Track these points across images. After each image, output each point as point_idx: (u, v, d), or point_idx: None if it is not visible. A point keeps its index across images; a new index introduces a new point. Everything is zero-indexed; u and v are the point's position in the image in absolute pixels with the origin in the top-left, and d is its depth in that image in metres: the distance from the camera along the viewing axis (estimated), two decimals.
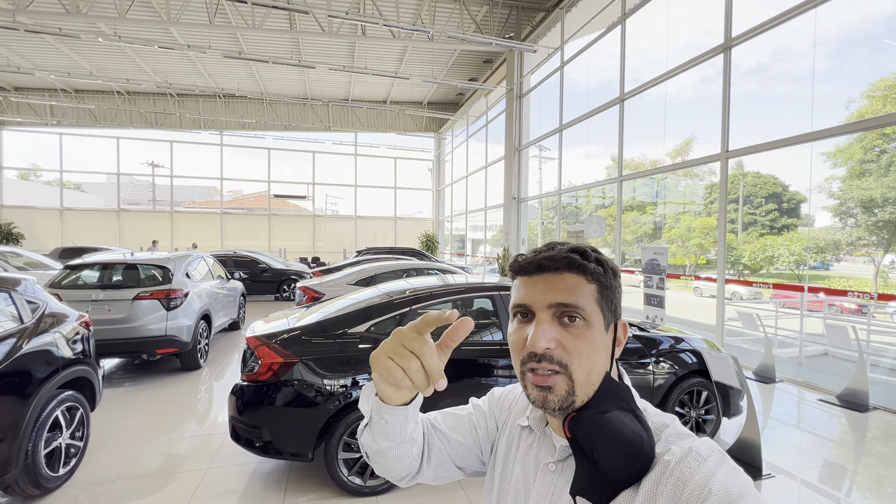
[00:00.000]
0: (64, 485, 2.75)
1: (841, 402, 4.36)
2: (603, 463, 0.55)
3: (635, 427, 0.56)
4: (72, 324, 3.01)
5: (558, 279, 0.61)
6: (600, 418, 0.57)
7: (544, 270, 0.62)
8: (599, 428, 0.56)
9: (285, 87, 16.54)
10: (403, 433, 0.68)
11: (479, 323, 3.56)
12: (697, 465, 0.52)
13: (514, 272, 0.66)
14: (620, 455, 0.54)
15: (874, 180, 12.48)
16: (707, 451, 0.54)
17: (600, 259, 0.64)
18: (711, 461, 0.52)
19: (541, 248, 0.65)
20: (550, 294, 0.60)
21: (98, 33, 9.87)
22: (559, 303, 0.59)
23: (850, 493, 2.92)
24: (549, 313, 0.60)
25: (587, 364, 0.59)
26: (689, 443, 0.56)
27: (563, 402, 0.58)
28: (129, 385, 4.77)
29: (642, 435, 0.55)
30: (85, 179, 18.91)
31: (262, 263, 11.20)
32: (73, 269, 5.14)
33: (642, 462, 0.54)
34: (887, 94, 10.51)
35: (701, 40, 6.52)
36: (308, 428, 2.62)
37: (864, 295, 4.33)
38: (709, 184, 14.92)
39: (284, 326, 2.95)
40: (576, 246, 0.64)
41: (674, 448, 0.55)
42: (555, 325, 0.59)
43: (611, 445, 0.54)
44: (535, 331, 0.59)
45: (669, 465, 0.53)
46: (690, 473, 0.51)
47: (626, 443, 0.54)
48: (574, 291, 0.60)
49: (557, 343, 0.58)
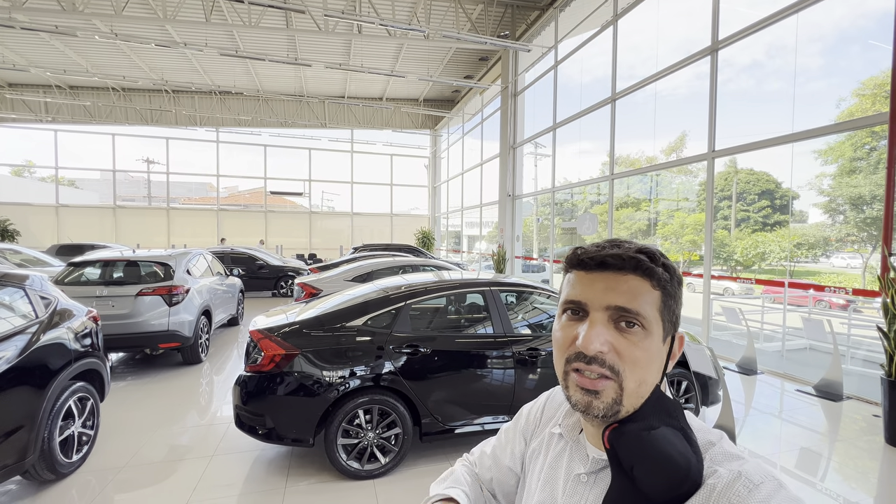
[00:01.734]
0: (77, 471, 2.90)
1: (817, 392, 4.57)
2: (643, 482, 0.50)
3: (684, 448, 0.51)
4: (81, 318, 3.14)
5: (621, 280, 0.56)
6: (645, 435, 0.52)
7: (607, 268, 0.56)
8: (643, 445, 0.52)
9: (281, 84, 16.58)
10: None
11: (471, 317, 3.72)
12: (748, 492, 0.47)
13: (570, 265, 0.61)
14: (664, 477, 0.49)
15: (863, 178, 12.71)
16: (759, 476, 0.49)
17: (668, 265, 0.58)
18: (764, 489, 0.47)
19: (604, 244, 0.59)
20: (610, 295, 0.55)
21: (94, 31, 9.91)
22: (619, 306, 0.55)
23: (823, 478, 3.11)
24: (606, 315, 0.55)
25: (641, 374, 0.54)
26: (739, 466, 0.51)
27: (608, 409, 0.54)
28: (133, 379, 4.90)
29: (690, 458, 0.51)
30: (80, 176, 18.90)
31: (259, 260, 11.31)
32: (77, 265, 5.25)
33: (688, 487, 0.49)
34: (877, 93, 10.71)
35: (694, 36, 6.66)
36: (309, 415, 2.77)
37: (840, 290, 4.52)
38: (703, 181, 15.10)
39: (285, 320, 3.10)
40: (644, 246, 0.58)
41: (721, 470, 0.50)
42: (610, 328, 0.55)
43: (654, 465, 0.50)
44: (589, 331, 0.54)
45: (715, 490, 0.48)
46: (739, 502, 0.46)
47: (671, 465, 0.50)
48: (636, 296, 0.55)
49: (611, 347, 0.54)
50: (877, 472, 3.17)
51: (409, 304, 3.18)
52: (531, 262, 13.03)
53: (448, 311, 3.69)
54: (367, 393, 2.88)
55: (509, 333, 3.23)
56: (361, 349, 2.93)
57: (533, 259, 13.09)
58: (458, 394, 3.04)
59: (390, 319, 3.09)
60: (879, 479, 3.08)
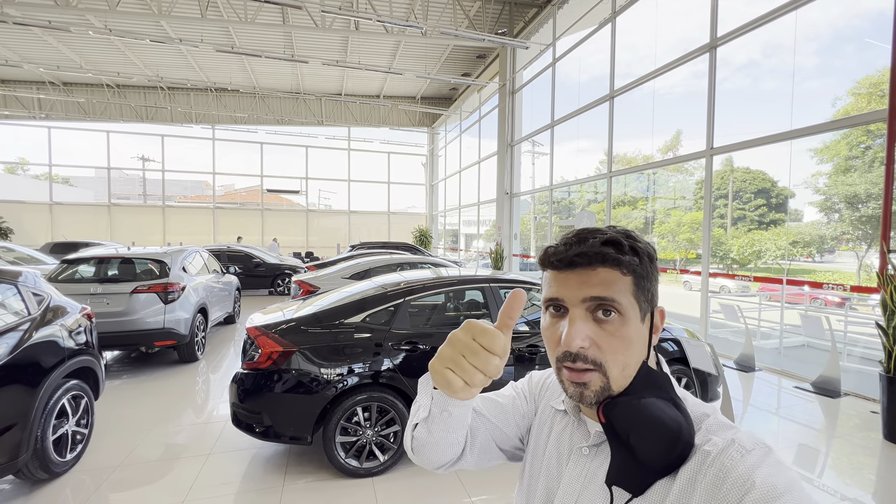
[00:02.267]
0: (71, 470, 2.86)
1: (815, 388, 4.58)
2: (639, 449, 0.54)
3: (674, 413, 0.55)
4: (75, 315, 3.10)
5: (592, 274, 0.58)
6: (636, 402, 0.56)
7: (576, 266, 0.59)
8: (635, 412, 0.55)
9: (278, 82, 16.48)
10: (464, 423, 0.67)
11: (470, 314, 3.70)
12: (740, 457, 0.50)
13: (543, 265, 0.63)
14: (658, 441, 0.53)
15: (858, 176, 12.77)
16: (751, 443, 0.52)
17: (635, 248, 0.60)
18: (755, 454, 0.50)
19: (571, 239, 0.61)
20: (584, 289, 0.58)
21: (88, 26, 9.80)
22: (594, 296, 0.58)
23: (822, 474, 3.11)
24: (583, 308, 0.58)
25: (622, 360, 0.58)
26: (732, 434, 0.54)
27: (598, 396, 0.58)
28: (128, 377, 4.85)
29: (681, 421, 0.54)
30: (74, 173, 18.75)
31: (255, 258, 11.25)
32: (71, 263, 5.19)
33: (681, 449, 0.52)
34: (872, 92, 10.76)
35: (691, 35, 6.65)
36: (307, 413, 2.75)
37: (838, 287, 4.53)
38: (699, 179, 15.15)
39: (283, 317, 3.07)
40: (610, 237, 0.60)
41: (715, 439, 0.53)
42: (589, 321, 0.58)
43: (648, 430, 0.53)
44: (569, 330, 0.58)
45: (710, 456, 0.51)
46: (732, 465, 0.49)
47: (663, 428, 0.53)
48: (609, 285, 0.58)
49: (591, 342, 0.57)
50: (875, 468, 3.17)
51: (407, 300, 3.15)
52: (529, 261, 13.04)
53: (447, 308, 3.66)
54: (366, 390, 2.85)
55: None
56: (360, 346, 2.90)
57: (530, 257, 13.09)
58: None
59: (389, 316, 3.07)
60: (878, 475, 3.09)
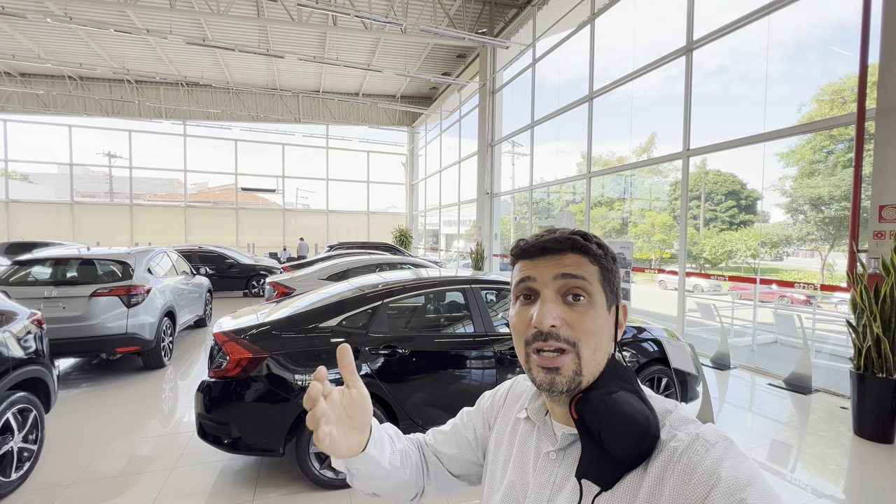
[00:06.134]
0: (17, 490, 2.62)
1: (787, 385, 4.69)
2: (610, 444, 0.54)
3: (641, 408, 0.56)
4: (23, 322, 2.85)
5: (563, 258, 0.61)
6: (608, 399, 0.57)
7: (547, 252, 0.62)
8: (607, 408, 0.56)
9: (253, 77, 16.01)
10: (382, 469, 0.68)
11: (451, 316, 3.61)
12: (705, 451, 0.51)
13: (515, 256, 0.66)
14: (628, 435, 0.54)
15: (822, 179, 13.32)
16: (714, 437, 0.53)
17: (601, 243, 0.64)
18: (719, 447, 0.52)
19: (542, 233, 0.65)
20: (556, 268, 0.60)
21: (46, 13, 9.24)
22: (565, 273, 0.60)
23: (794, 469, 3.15)
24: (554, 290, 0.60)
25: (594, 342, 0.59)
26: (695, 429, 0.55)
27: (570, 382, 0.58)
28: (87, 386, 4.56)
29: (648, 415, 0.55)
30: (33, 170, 17.74)
31: (229, 259, 10.87)
32: (23, 264, 4.84)
33: (649, 442, 0.54)
34: (834, 99, 11.23)
35: (667, 39, 6.76)
36: (279, 423, 2.60)
37: (808, 286, 4.66)
38: (673, 180, 15.53)
39: (254, 322, 2.90)
40: (577, 230, 0.64)
41: (680, 434, 0.55)
42: (560, 304, 0.59)
43: (619, 425, 0.54)
44: (541, 308, 0.59)
45: (677, 452, 0.53)
46: (698, 460, 0.51)
47: (633, 423, 0.54)
48: (578, 266, 0.61)
49: (563, 321, 0.58)
50: (846, 462, 3.24)
51: (386, 303, 3.04)
52: (509, 261, 13.08)
53: (427, 310, 3.56)
54: None
55: (490, 332, 3.14)
56: (335, 351, 2.77)
57: None
58: (437, 396, 2.92)
59: (366, 319, 2.94)
60: (849, 470, 3.16)
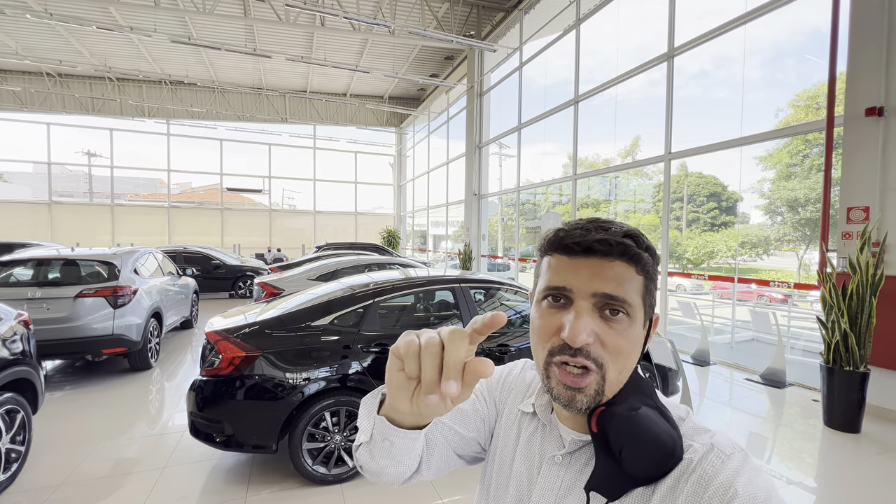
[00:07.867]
0: (5, 492, 2.60)
1: (763, 380, 4.89)
2: (630, 462, 0.51)
3: (667, 428, 0.53)
4: (9, 323, 2.83)
5: (608, 266, 0.53)
6: (633, 416, 0.53)
7: (593, 254, 0.54)
8: (633, 427, 0.52)
9: (239, 76, 15.85)
10: (410, 453, 0.59)
11: (440, 314, 3.68)
12: (721, 463, 0.49)
13: (552, 248, 0.57)
14: (652, 456, 0.51)
15: (798, 182, 13.80)
16: (729, 448, 0.51)
17: (650, 247, 0.57)
18: (735, 459, 0.50)
19: (588, 225, 0.56)
20: (596, 282, 0.53)
21: (25, 9, 9.04)
22: (606, 293, 0.53)
23: (769, 460, 3.30)
24: (591, 303, 0.53)
25: (623, 363, 0.54)
26: (710, 438, 0.53)
27: (591, 402, 0.54)
28: (71, 388, 4.50)
29: (674, 436, 0.52)
30: (9, 168, 17.24)
31: (215, 260, 10.75)
32: (5, 265, 4.76)
33: (671, 464, 0.51)
34: (809, 104, 11.65)
35: (650, 44, 6.96)
36: (271, 420, 2.63)
37: (783, 285, 4.86)
38: (657, 183, 15.88)
39: (245, 321, 2.93)
40: (629, 230, 0.56)
41: (695, 444, 0.52)
42: (595, 317, 0.53)
43: (644, 446, 0.51)
44: (576, 322, 0.52)
45: (692, 463, 0.50)
46: (714, 472, 0.48)
47: (659, 444, 0.51)
48: (622, 283, 0.53)
49: (596, 338, 0.53)
50: (817, 452, 3.41)
51: (377, 301, 3.10)
52: (497, 261, 13.20)
53: (417, 309, 3.63)
54: (334, 394, 2.77)
55: None
56: (327, 349, 2.82)
57: (498, 258, 13.25)
58: None
59: (357, 318, 3.00)
60: (819, 459, 3.32)
